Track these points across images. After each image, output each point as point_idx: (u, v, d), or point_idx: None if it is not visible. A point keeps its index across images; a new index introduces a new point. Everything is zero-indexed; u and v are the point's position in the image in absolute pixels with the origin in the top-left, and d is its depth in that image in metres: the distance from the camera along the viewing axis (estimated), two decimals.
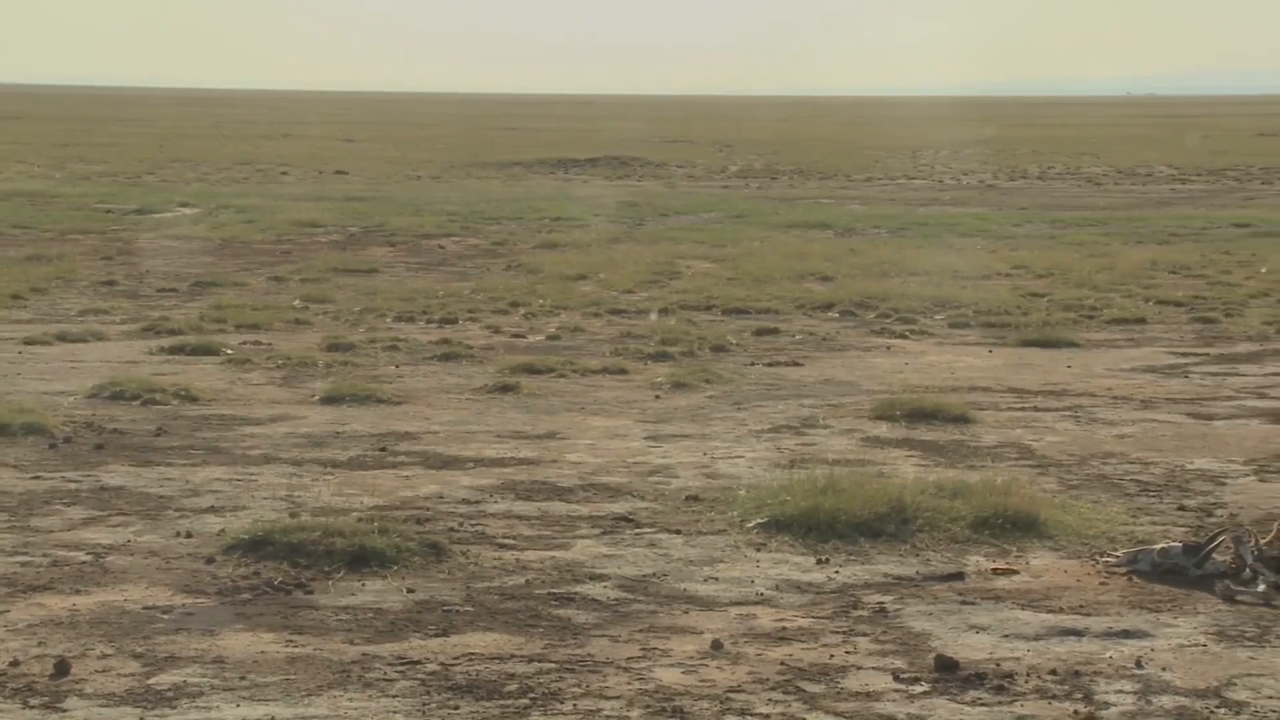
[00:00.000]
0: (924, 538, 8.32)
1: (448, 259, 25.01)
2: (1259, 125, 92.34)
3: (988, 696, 6.08)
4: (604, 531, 8.58)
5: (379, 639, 6.74)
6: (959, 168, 55.16)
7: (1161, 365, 14.94)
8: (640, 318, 18.15)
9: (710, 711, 5.92)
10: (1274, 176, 49.03)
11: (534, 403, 12.67)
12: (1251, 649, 6.69)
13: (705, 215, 33.85)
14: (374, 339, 16.04)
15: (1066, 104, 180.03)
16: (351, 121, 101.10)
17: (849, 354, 15.68)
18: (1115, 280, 21.70)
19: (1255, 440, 11.23)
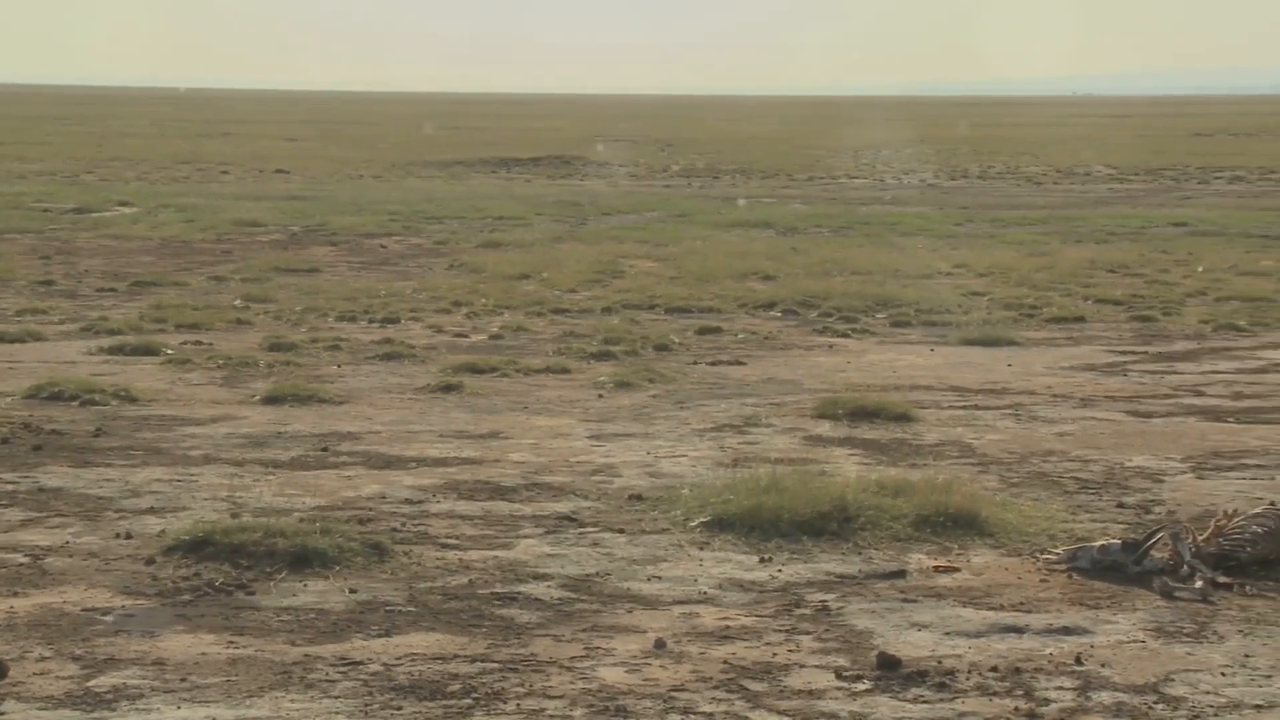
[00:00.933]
0: (866, 536, 8.35)
1: (390, 258, 24.93)
2: (1195, 125, 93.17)
3: (929, 694, 6.11)
4: (547, 531, 8.58)
5: (321, 640, 6.71)
6: (900, 167, 55.41)
7: (1100, 363, 15.06)
8: (583, 317, 18.14)
9: (653, 710, 5.93)
10: (1210, 176, 49.48)
11: (477, 402, 12.65)
12: (1189, 645, 6.75)
13: (648, 215, 33.88)
14: (316, 339, 15.97)
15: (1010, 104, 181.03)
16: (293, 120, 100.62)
17: (791, 353, 15.72)
18: (1055, 279, 21.84)
19: (1193, 438, 11.33)
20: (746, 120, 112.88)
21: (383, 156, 58.63)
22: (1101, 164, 55.41)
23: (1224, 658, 6.56)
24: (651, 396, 12.98)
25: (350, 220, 30.57)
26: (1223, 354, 15.72)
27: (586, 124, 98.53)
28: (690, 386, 13.51)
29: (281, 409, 12.16)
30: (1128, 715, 5.92)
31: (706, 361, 15.00)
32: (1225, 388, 13.59)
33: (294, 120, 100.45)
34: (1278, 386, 13.67)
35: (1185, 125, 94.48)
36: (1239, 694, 6.14)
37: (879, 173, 52.13)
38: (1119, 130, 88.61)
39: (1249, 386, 13.67)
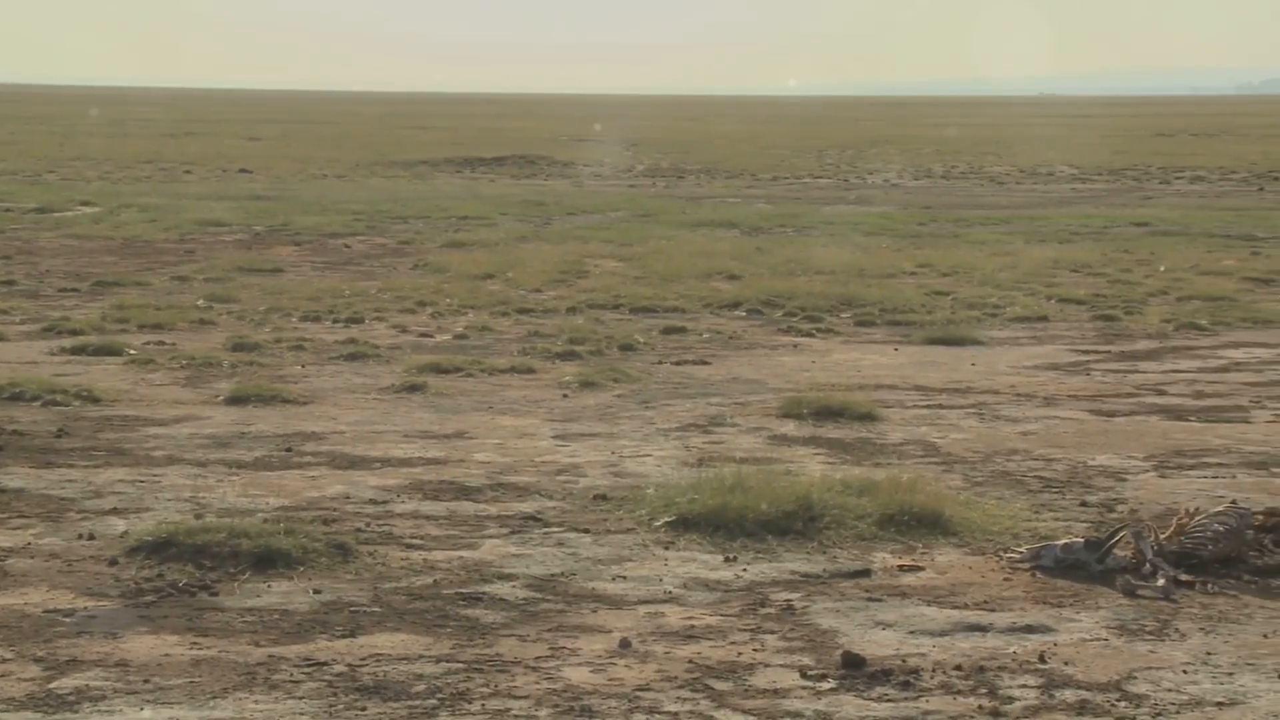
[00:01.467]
0: (831, 535, 8.37)
1: (354, 258, 24.87)
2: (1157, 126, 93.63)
3: (894, 693, 6.13)
4: (512, 531, 8.57)
5: (285, 640, 6.69)
6: (864, 167, 55.53)
7: (1063, 363, 15.12)
8: (548, 317, 18.13)
9: (619, 710, 5.93)
10: (1172, 176, 49.73)
11: (441, 402, 12.63)
12: (1151, 642, 6.78)
13: (612, 214, 33.88)
14: (279, 339, 15.92)
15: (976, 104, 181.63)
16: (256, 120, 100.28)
17: (756, 352, 15.74)
18: (1018, 278, 21.92)
19: (1155, 436, 11.39)
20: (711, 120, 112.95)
21: (347, 156, 58.49)
22: (1065, 164, 55.64)
23: (1186, 655, 6.60)
24: (616, 396, 12.98)
25: (314, 220, 30.49)
26: (1184, 353, 15.80)
27: (550, 124, 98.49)
28: (655, 386, 13.51)
29: (245, 409, 12.12)
30: (1091, 713, 5.95)
31: (671, 361, 15.01)
32: (1187, 387, 13.66)
33: (257, 120, 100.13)
34: (1239, 385, 13.75)
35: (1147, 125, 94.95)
36: (1201, 691, 6.17)
37: (843, 173, 52.23)
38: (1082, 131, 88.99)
39: (1210, 385, 13.74)
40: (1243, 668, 6.44)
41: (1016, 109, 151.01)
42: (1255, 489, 9.65)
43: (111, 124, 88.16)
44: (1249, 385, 13.76)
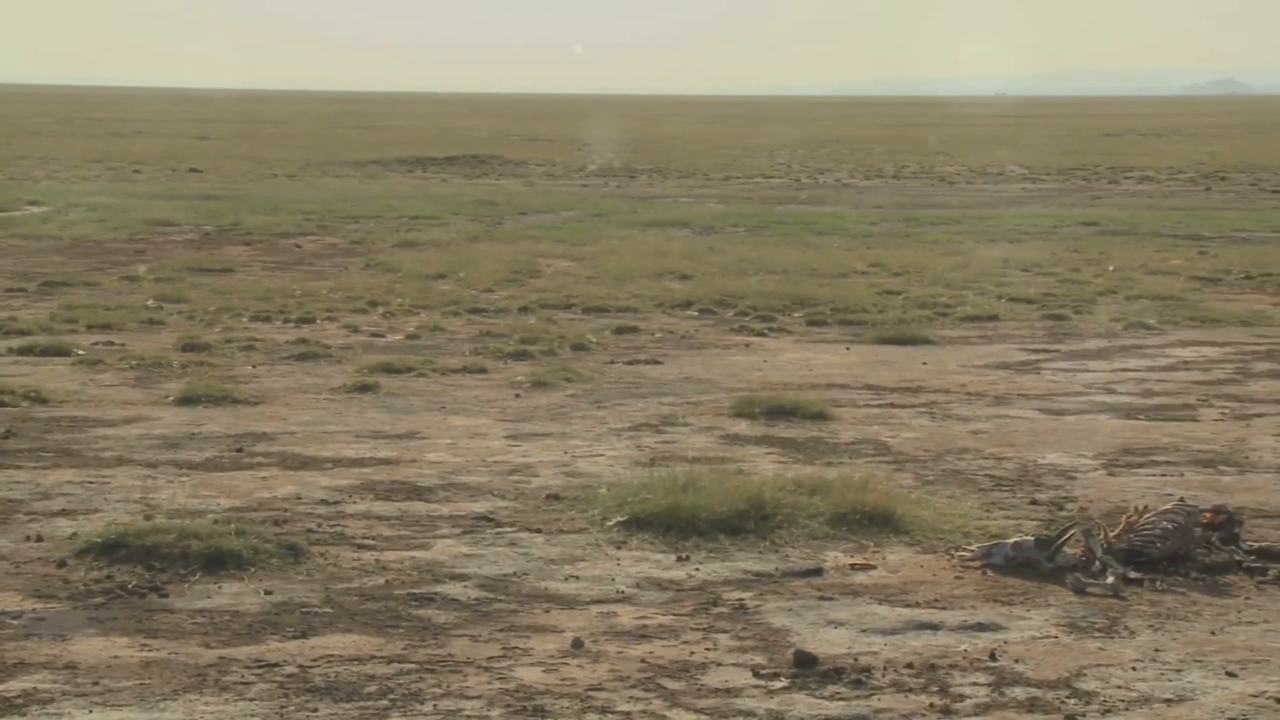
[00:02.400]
0: (783, 534, 8.39)
1: (305, 258, 24.77)
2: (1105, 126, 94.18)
3: (846, 691, 6.15)
4: (464, 531, 8.56)
5: (236, 642, 6.66)
6: (815, 166, 55.66)
7: (1014, 361, 15.19)
8: (500, 316, 18.11)
9: (571, 710, 5.93)
10: (1120, 176, 50.04)
11: (393, 402, 12.60)
12: (1101, 640, 6.82)
13: (564, 214, 33.86)
14: (230, 339, 15.85)
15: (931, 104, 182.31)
16: (206, 119, 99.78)
17: (708, 352, 15.76)
18: (969, 278, 22.01)
19: (1104, 435, 11.45)
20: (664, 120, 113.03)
21: (297, 155, 58.26)
22: (1014, 164, 55.90)
23: (1135, 652, 6.64)
24: (569, 396, 12.97)
25: (265, 220, 30.36)
26: (1133, 352, 15.90)
27: (502, 123, 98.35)
28: (607, 386, 13.51)
29: (195, 410, 12.06)
30: (1041, 710, 5.98)
31: (624, 361, 15.01)
32: (1136, 385, 13.75)
33: (207, 119, 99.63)
34: (1187, 384, 13.85)
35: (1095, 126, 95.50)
36: (1149, 688, 6.22)
37: (795, 172, 52.35)
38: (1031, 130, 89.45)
39: (1159, 384, 13.84)
40: (1191, 664, 6.49)
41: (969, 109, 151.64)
42: (1203, 487, 9.72)
43: (59, 123, 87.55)
44: (1196, 384, 13.87)
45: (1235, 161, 56.70)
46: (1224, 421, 12.04)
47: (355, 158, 57.34)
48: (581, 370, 14.13)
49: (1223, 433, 11.57)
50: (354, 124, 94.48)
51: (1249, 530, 8.49)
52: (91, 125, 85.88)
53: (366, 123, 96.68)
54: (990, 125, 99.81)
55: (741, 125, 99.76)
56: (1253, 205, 37.81)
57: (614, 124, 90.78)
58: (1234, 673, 6.38)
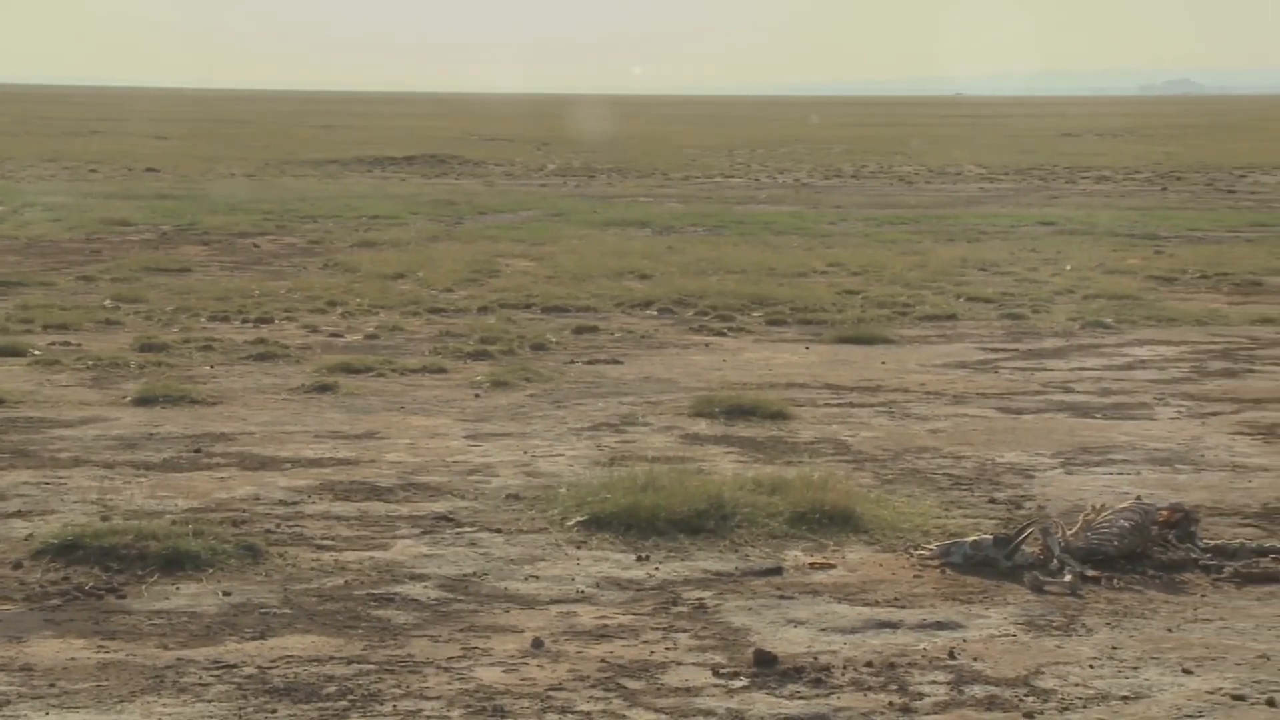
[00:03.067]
0: (743, 533, 8.40)
1: (263, 258, 24.69)
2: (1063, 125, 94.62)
3: (805, 690, 6.16)
4: (424, 531, 8.54)
5: (194, 643, 6.63)
6: (775, 166, 55.75)
7: (972, 361, 15.25)
8: (460, 316, 18.08)
9: (531, 710, 5.92)
10: (1077, 176, 50.27)
11: (352, 402, 12.56)
12: (1059, 638, 6.86)
13: (524, 213, 33.82)
14: (188, 339, 15.78)
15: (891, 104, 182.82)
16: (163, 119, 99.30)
17: (668, 351, 15.77)
18: (927, 277, 22.08)
19: (1062, 433, 11.51)
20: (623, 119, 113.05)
21: (255, 155, 58.04)
22: (972, 164, 56.11)
23: (1092, 650, 6.68)
24: (528, 396, 12.96)
25: (223, 219, 30.23)
26: (1090, 351, 15.98)
27: (462, 122, 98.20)
28: (567, 385, 13.51)
29: (153, 410, 12.00)
30: (999, 708, 6.01)
31: (583, 360, 15.01)
32: (1093, 384, 13.82)
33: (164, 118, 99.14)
34: (1144, 383, 13.92)
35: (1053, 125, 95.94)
36: (1106, 685, 6.25)
37: (754, 172, 52.42)
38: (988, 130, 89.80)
39: (1116, 383, 13.91)
40: (1148, 662, 6.53)
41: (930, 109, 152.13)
42: (1160, 485, 9.78)
43: (14, 122, 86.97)
44: (1153, 382, 13.95)
45: (1191, 161, 57.05)
46: (1180, 420, 12.11)
47: (314, 157, 57.16)
48: (541, 370, 14.12)
49: (1179, 431, 11.64)
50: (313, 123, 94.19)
51: (1205, 528, 8.54)
52: (47, 124, 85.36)
53: (325, 122, 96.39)
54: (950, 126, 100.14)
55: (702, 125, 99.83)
56: (1208, 205, 38.05)
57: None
58: (1190, 670, 6.42)
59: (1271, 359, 15.41)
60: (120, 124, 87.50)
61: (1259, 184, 46.04)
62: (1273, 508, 9.31)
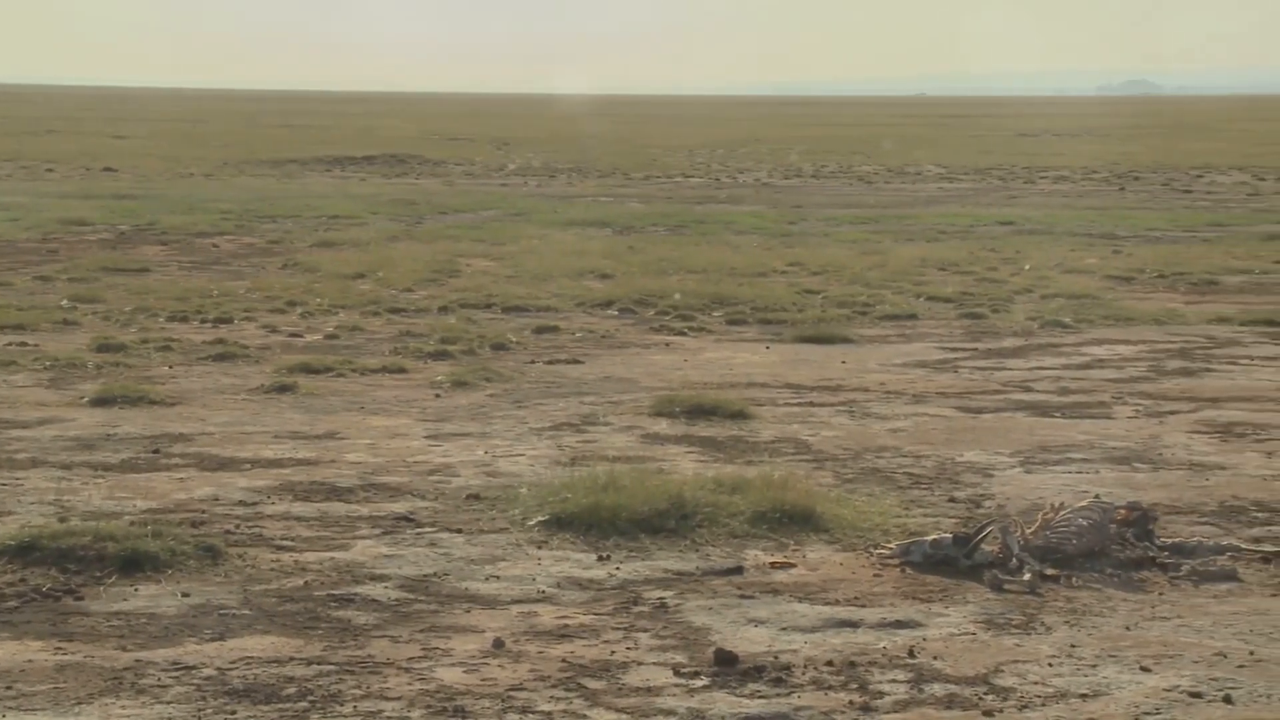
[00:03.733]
0: (704, 533, 8.41)
1: (222, 258, 24.59)
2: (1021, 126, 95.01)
3: (766, 689, 6.17)
4: (384, 531, 8.52)
5: (153, 644, 6.60)
6: (735, 166, 55.82)
7: (932, 360, 15.29)
8: (420, 316, 18.04)
9: (492, 710, 5.92)
10: (1035, 176, 50.48)
11: (312, 402, 12.52)
12: (1018, 636, 6.89)
13: (484, 213, 33.78)
14: (146, 339, 15.70)
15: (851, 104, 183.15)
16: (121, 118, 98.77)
17: (628, 351, 15.78)
18: (887, 277, 22.14)
19: (1021, 432, 11.56)
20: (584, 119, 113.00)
21: (214, 154, 57.80)
22: (932, 164, 56.29)
23: (1051, 648, 6.71)
24: (489, 396, 12.95)
25: (181, 219, 30.10)
26: (1049, 350, 16.05)
27: (422, 122, 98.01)
28: (528, 385, 13.50)
29: (111, 410, 11.94)
30: (959, 706, 6.03)
31: (544, 360, 15.00)
32: (1052, 383, 13.88)
33: (122, 118, 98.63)
34: (1102, 382, 13.99)
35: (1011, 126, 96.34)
36: (1065, 684, 6.28)
37: (714, 171, 52.47)
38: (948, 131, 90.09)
39: (1074, 382, 13.97)
40: (1106, 660, 6.56)
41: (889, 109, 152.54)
42: (1118, 483, 9.83)
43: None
44: (1111, 381, 14.02)
45: (1148, 161, 57.37)
46: (1138, 419, 12.17)
47: (273, 157, 56.96)
48: (502, 370, 14.10)
49: (1137, 430, 11.70)
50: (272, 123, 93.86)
51: (1163, 526, 8.59)
52: (3, 124, 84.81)
53: (285, 121, 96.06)
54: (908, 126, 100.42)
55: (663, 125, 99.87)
56: (1165, 205, 38.27)
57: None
58: (1148, 668, 6.46)
59: (1228, 358, 15.51)
60: (77, 123, 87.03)
61: (1215, 184, 46.33)
62: (1230, 506, 9.37)
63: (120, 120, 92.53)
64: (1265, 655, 6.62)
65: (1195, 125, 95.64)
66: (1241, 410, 12.51)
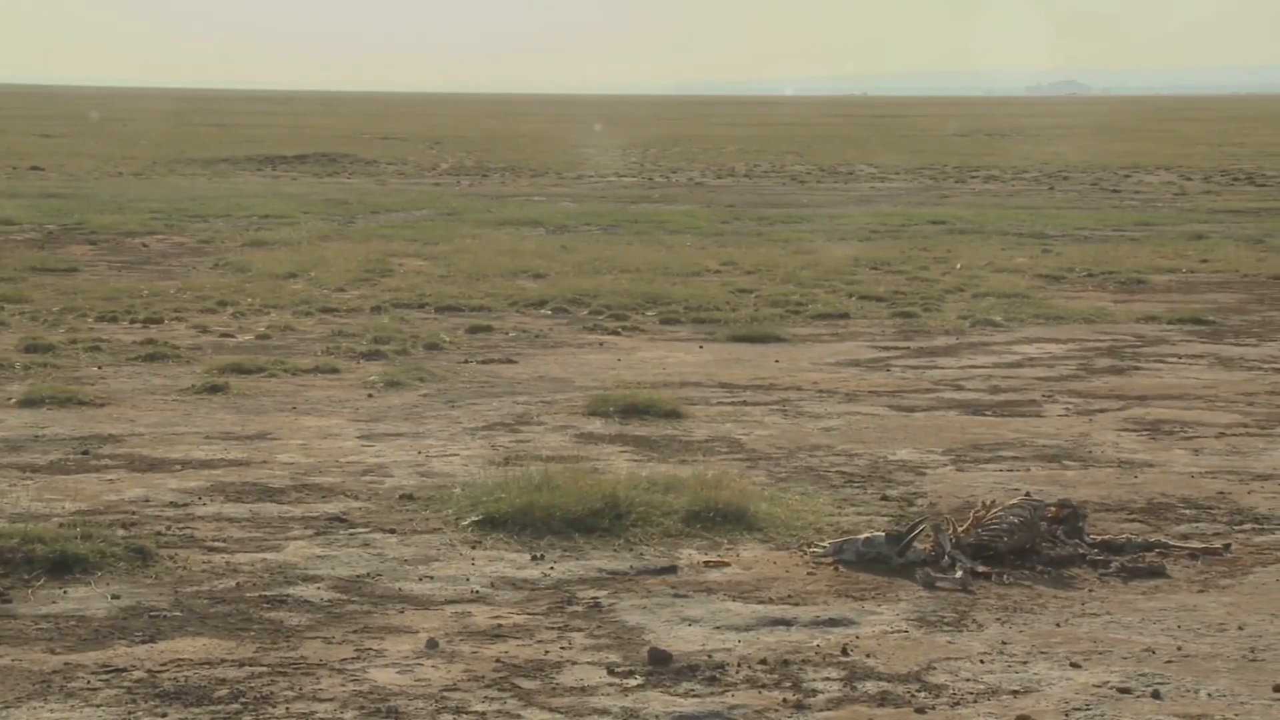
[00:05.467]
0: (638, 532, 8.42)
1: (152, 257, 24.39)
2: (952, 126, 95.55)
3: (700, 688, 6.18)
4: (317, 532, 8.48)
5: (82, 647, 6.55)
6: (668, 165, 55.87)
7: (864, 359, 15.36)
8: (352, 316, 17.96)
9: (425, 711, 5.90)
10: (967, 175, 50.80)
11: (244, 403, 12.45)
12: (950, 633, 6.93)
13: (417, 213, 33.67)
14: (75, 340, 15.56)
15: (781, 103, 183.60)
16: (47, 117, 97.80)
17: (562, 351, 15.77)
18: (819, 276, 22.22)
19: (953, 431, 11.63)
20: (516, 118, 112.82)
21: (143, 154, 57.33)
22: (864, 163, 56.55)
23: (983, 645, 6.76)
24: (422, 395, 12.91)
25: (110, 219, 29.83)
26: (980, 349, 16.16)
27: (353, 121, 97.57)
28: (461, 385, 13.47)
29: (39, 411, 11.82)
30: (891, 704, 6.06)
31: (477, 360, 14.97)
32: (983, 382, 13.97)
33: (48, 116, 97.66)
34: (1032, 380, 14.10)
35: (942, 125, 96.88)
36: (997, 680, 6.32)
37: (647, 171, 52.51)
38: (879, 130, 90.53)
39: (1005, 380, 14.07)
40: (1037, 656, 6.62)
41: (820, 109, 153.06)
42: (1048, 481, 9.91)
43: None
44: (1041, 380, 14.12)
45: (1077, 161, 57.84)
46: (1068, 417, 12.27)
47: (204, 156, 56.56)
48: (435, 370, 14.06)
49: (1067, 428, 11.79)
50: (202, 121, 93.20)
51: (1092, 524, 8.66)
52: None
53: (216, 120, 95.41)
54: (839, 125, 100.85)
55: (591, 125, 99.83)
56: (1094, 205, 38.59)
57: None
58: (1078, 664, 6.51)
59: (1156, 356, 15.66)
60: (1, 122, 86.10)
61: (1143, 184, 46.77)
62: (1158, 503, 9.47)
63: (45, 119, 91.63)
64: (1192, 651, 6.69)
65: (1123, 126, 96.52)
66: (1169, 408, 12.64)
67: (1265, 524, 8.97)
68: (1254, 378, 14.30)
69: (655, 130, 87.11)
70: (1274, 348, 16.31)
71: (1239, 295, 21.01)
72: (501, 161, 56.83)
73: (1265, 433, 11.66)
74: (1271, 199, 40.32)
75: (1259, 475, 10.21)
